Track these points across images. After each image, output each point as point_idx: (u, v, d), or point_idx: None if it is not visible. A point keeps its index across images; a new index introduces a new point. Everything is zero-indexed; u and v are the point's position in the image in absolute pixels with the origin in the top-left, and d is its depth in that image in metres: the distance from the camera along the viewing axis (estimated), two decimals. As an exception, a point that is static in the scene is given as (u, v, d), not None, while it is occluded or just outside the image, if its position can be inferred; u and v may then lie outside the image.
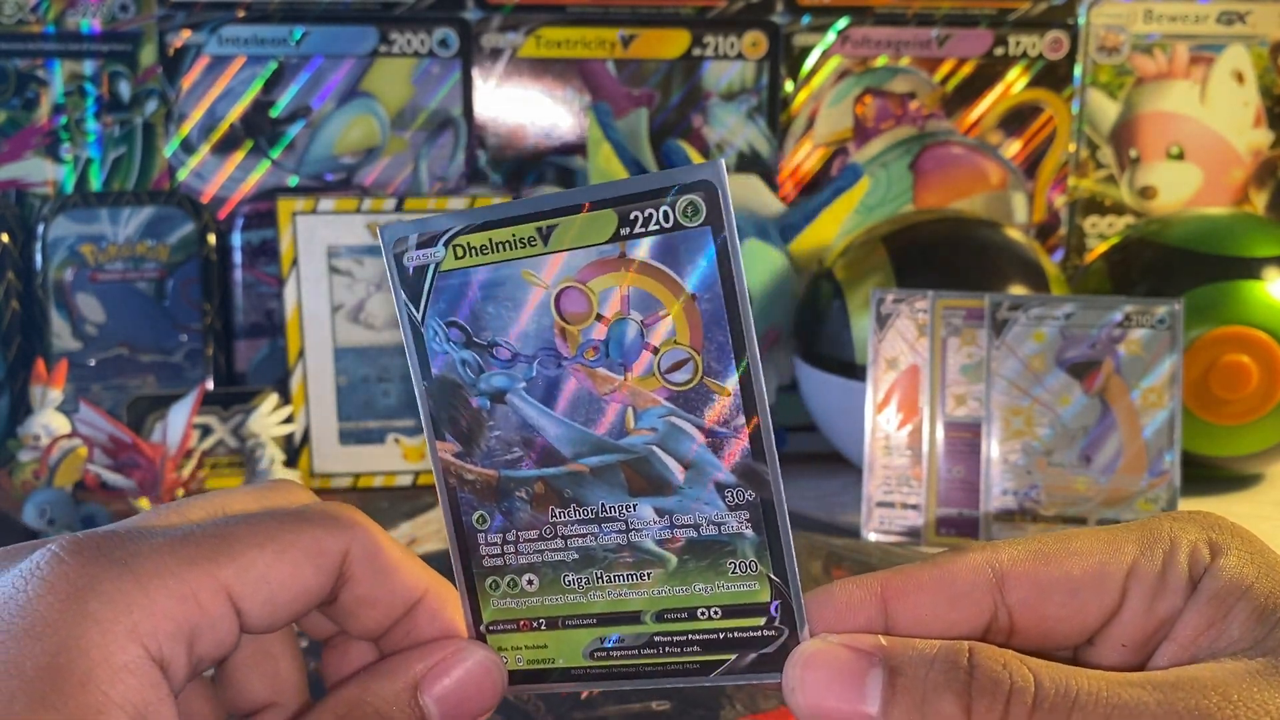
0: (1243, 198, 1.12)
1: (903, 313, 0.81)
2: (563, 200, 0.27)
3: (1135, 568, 0.28)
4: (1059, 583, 0.28)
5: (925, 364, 0.80)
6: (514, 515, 0.30)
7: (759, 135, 1.07)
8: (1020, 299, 0.79)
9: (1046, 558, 0.28)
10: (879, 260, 0.87)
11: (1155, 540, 0.28)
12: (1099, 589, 0.28)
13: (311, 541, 0.28)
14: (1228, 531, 0.28)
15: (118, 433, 0.80)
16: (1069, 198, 1.11)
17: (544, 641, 0.30)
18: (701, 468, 0.28)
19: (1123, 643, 0.28)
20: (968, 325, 0.80)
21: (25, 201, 1.00)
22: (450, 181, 1.05)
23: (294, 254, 0.92)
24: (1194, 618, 0.27)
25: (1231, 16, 1.09)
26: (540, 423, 0.29)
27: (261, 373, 1.03)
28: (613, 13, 1.04)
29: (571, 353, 0.28)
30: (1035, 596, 0.28)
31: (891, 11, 1.06)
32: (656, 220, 0.27)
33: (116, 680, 0.24)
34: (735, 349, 0.27)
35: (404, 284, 0.29)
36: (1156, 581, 0.28)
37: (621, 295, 0.27)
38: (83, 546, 0.25)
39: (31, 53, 0.99)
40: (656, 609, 0.29)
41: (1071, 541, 0.28)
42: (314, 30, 1.01)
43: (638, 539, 0.29)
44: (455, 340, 0.29)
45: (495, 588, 0.30)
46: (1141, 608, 0.28)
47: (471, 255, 0.28)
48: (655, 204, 0.27)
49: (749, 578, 0.28)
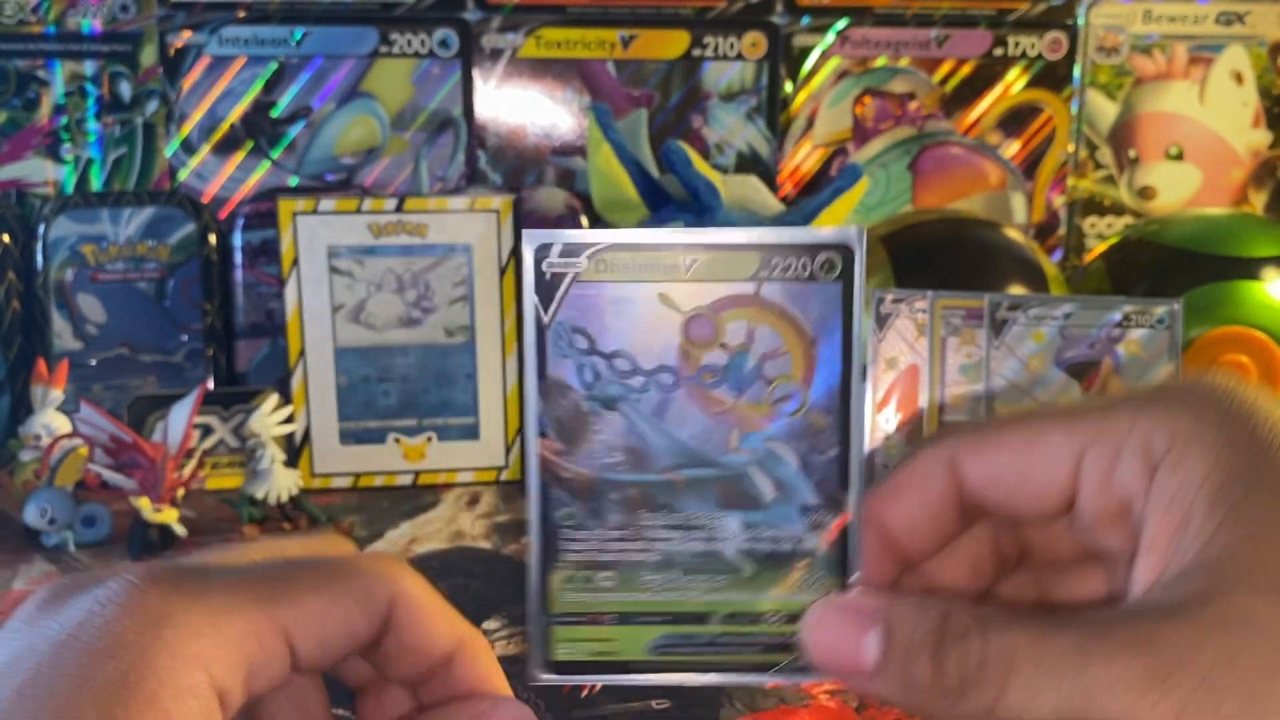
0: (1242, 198, 1.12)
1: (902, 313, 0.81)
2: (713, 238, 0.30)
3: (1088, 449, 0.29)
4: (1008, 465, 0.30)
5: (925, 364, 0.80)
6: (603, 515, 0.32)
7: (759, 135, 1.07)
8: (1019, 299, 0.79)
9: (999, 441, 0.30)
10: (878, 260, 0.87)
11: (1114, 416, 0.29)
12: (1048, 470, 0.29)
13: (362, 589, 0.30)
14: (1205, 404, 0.28)
15: (119, 432, 0.80)
16: (1068, 198, 1.11)
17: (613, 635, 0.32)
18: (792, 489, 0.31)
19: (1088, 523, 0.29)
20: (967, 325, 0.80)
21: (26, 202, 1.00)
22: (450, 182, 1.05)
23: (294, 254, 0.92)
24: (1158, 520, 0.27)
25: (1230, 17, 1.09)
26: (647, 433, 0.31)
27: (262, 373, 1.03)
28: (613, 13, 1.04)
29: (690, 373, 0.31)
30: (988, 477, 0.30)
31: (891, 12, 1.06)
32: (794, 269, 0.30)
33: (180, 702, 0.25)
34: (842, 389, 0.30)
35: (538, 287, 0.31)
36: (1110, 463, 0.29)
37: (748, 329, 0.30)
38: (158, 579, 0.27)
39: (32, 53, 0.99)
40: (725, 611, 0.32)
41: (1030, 421, 0.30)
42: (314, 31, 1.01)
43: (719, 547, 0.31)
44: (578, 346, 0.31)
45: (571, 582, 0.32)
46: (1096, 488, 0.29)
47: (612, 271, 0.30)
48: (797, 255, 0.30)
49: (818, 590, 0.31)
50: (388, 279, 0.94)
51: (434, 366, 0.95)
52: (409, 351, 0.95)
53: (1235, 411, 0.28)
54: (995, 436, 0.30)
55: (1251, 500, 0.26)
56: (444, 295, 0.95)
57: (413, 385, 0.95)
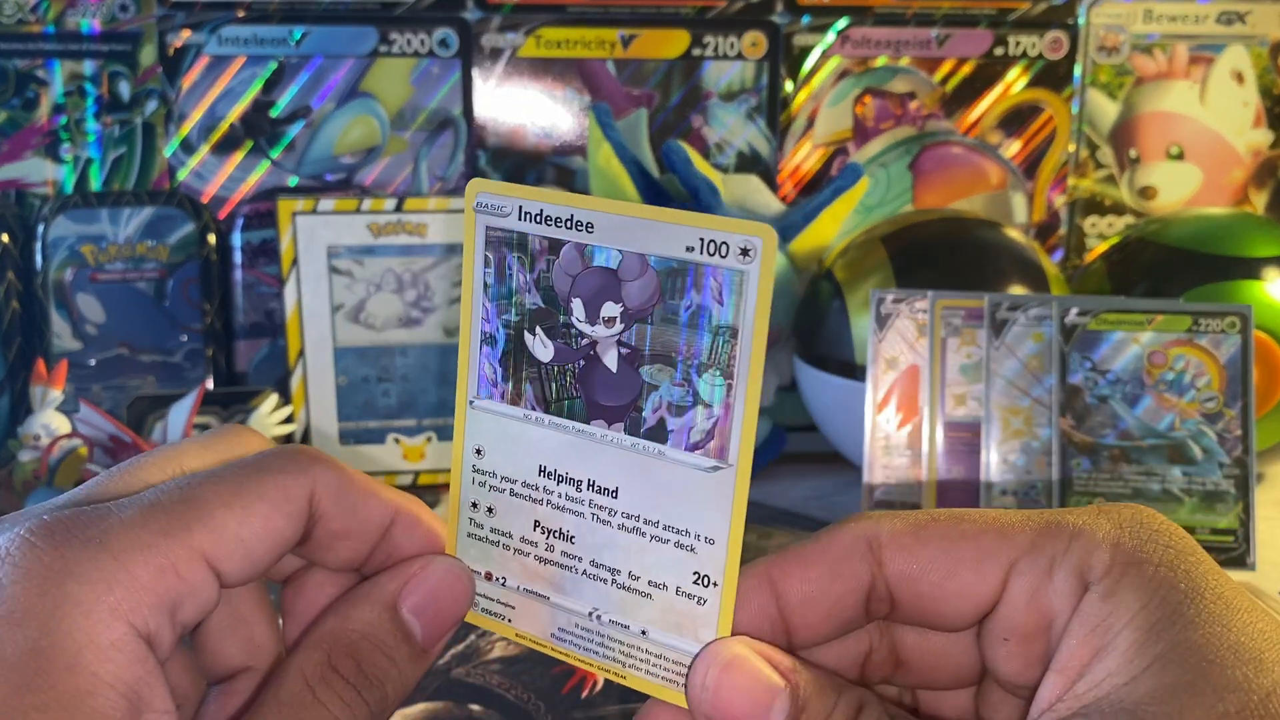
0: (1242, 198, 1.12)
1: (902, 313, 0.81)
2: None
3: (1021, 559, 0.27)
4: (935, 560, 0.27)
5: (925, 364, 0.80)
6: None
7: (759, 135, 1.07)
8: (1020, 299, 0.79)
9: (927, 534, 0.28)
10: (879, 260, 0.87)
11: (1054, 532, 0.27)
12: (976, 573, 0.27)
13: (277, 489, 0.28)
14: (1149, 541, 0.26)
15: (118, 433, 0.80)
16: (1069, 198, 1.11)
17: None
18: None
19: (1004, 636, 0.27)
20: (967, 325, 0.80)
21: (25, 201, 1.00)
22: (450, 182, 1.05)
23: (294, 254, 0.92)
24: (1077, 643, 0.25)
25: (1231, 16, 1.09)
26: None
27: (261, 373, 1.03)
28: (613, 13, 1.04)
29: None
30: (910, 570, 0.28)
31: (891, 12, 1.06)
32: None
33: (105, 660, 0.24)
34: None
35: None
36: (1041, 576, 0.26)
37: None
38: (53, 529, 0.25)
39: (31, 53, 0.99)
40: None
41: (963, 521, 0.28)
42: (314, 30, 1.01)
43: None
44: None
45: None
46: (1022, 601, 0.27)
47: None
48: None
49: None
50: (387, 279, 0.94)
51: (434, 366, 0.95)
52: (409, 351, 0.95)
53: (1177, 548, 0.26)
54: (925, 529, 0.28)
55: (1183, 647, 0.24)
56: (444, 295, 0.95)
57: (413, 385, 0.95)
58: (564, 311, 0.29)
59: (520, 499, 0.31)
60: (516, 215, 0.29)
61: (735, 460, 0.28)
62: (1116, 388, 0.71)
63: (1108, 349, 0.73)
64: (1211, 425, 0.71)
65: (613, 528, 0.30)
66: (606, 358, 0.29)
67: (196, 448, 0.29)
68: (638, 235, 0.28)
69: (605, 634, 0.30)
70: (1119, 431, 0.72)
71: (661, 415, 0.29)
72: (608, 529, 0.30)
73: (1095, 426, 0.72)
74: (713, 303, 0.28)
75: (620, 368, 0.29)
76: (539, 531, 0.31)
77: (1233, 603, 0.25)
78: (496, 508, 0.31)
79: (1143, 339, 0.72)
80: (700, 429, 0.28)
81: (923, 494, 0.80)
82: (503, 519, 0.31)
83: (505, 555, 0.31)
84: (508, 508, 0.31)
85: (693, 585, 0.29)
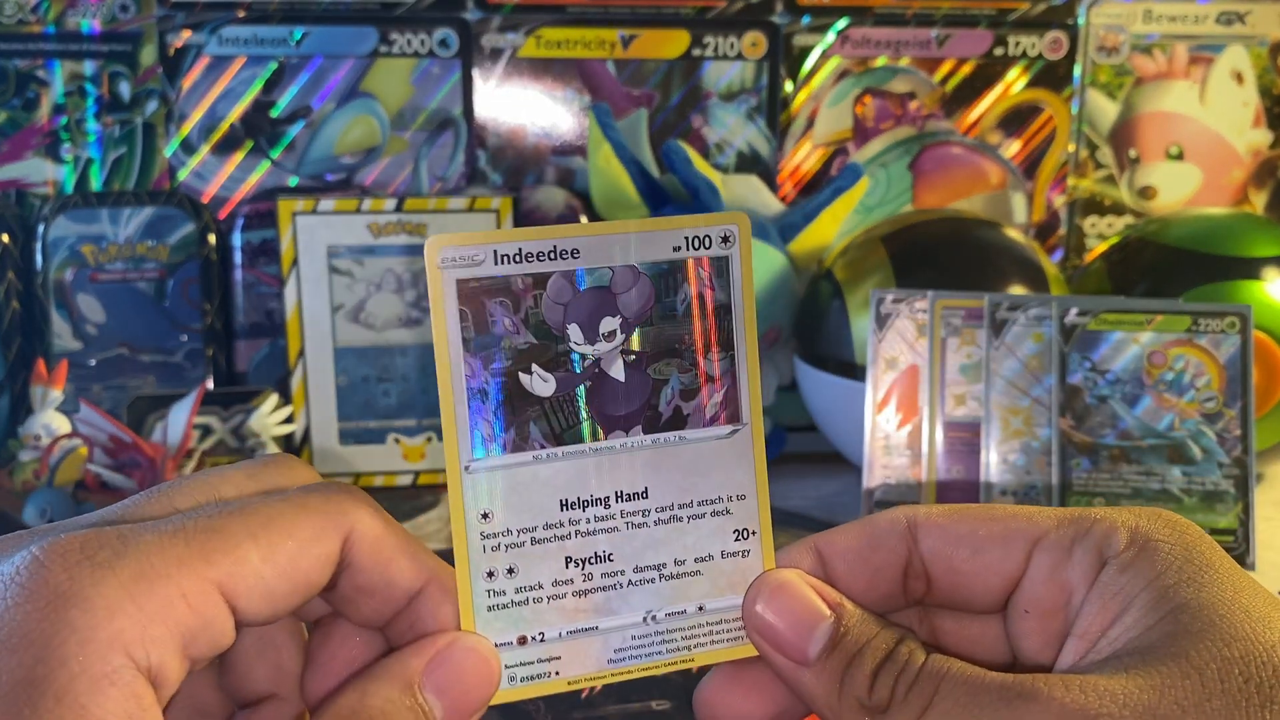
0: (1242, 198, 1.12)
1: (902, 313, 0.81)
2: None
3: (1044, 538, 0.29)
4: (965, 538, 0.30)
5: (925, 364, 0.80)
6: None
7: (759, 135, 1.07)
8: (1020, 299, 0.79)
9: (961, 516, 0.30)
10: (878, 260, 0.87)
11: (1078, 520, 0.29)
12: (1003, 550, 0.29)
13: (309, 529, 0.27)
14: (1165, 527, 0.28)
15: (118, 433, 0.80)
16: (1068, 198, 1.11)
17: None
18: None
19: (1026, 609, 0.29)
20: (967, 325, 0.80)
21: (25, 201, 1.00)
22: (450, 182, 1.05)
23: (294, 254, 0.92)
24: (1095, 610, 0.27)
25: (1231, 17, 1.09)
26: None
27: (261, 373, 1.03)
28: (613, 13, 1.04)
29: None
30: (944, 547, 0.30)
31: (891, 12, 1.06)
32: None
33: (96, 692, 0.23)
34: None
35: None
36: (1062, 554, 0.28)
37: None
38: (66, 550, 0.24)
39: (32, 53, 0.99)
40: None
41: (994, 508, 0.30)
42: (314, 30, 1.01)
43: None
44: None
45: None
46: (1043, 575, 0.29)
47: None
48: None
49: None
50: (387, 279, 0.94)
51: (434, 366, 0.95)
52: (409, 351, 0.95)
53: (1192, 534, 0.28)
54: (958, 512, 0.30)
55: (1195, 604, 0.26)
56: (444, 295, 0.95)
57: (412, 385, 0.95)
58: (560, 340, 0.29)
59: (544, 543, 0.30)
60: (492, 261, 0.29)
61: (749, 419, 0.31)
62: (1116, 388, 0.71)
63: (1107, 349, 0.72)
64: (1211, 425, 0.71)
65: (650, 526, 0.31)
66: (613, 370, 0.30)
67: (239, 475, 0.28)
68: (625, 249, 0.29)
69: (664, 630, 0.31)
70: (1119, 431, 0.72)
71: (675, 404, 0.30)
72: (645, 530, 0.30)
73: (1095, 426, 0.72)
74: (705, 289, 0.30)
75: (629, 375, 0.30)
76: (572, 566, 0.30)
77: (1242, 580, 0.27)
78: (518, 566, 0.30)
79: (1142, 339, 0.72)
80: (714, 403, 0.30)
81: (922, 494, 0.80)
82: (527, 573, 0.30)
83: (538, 609, 0.30)
84: (530, 559, 0.30)
85: (734, 543, 0.31)
